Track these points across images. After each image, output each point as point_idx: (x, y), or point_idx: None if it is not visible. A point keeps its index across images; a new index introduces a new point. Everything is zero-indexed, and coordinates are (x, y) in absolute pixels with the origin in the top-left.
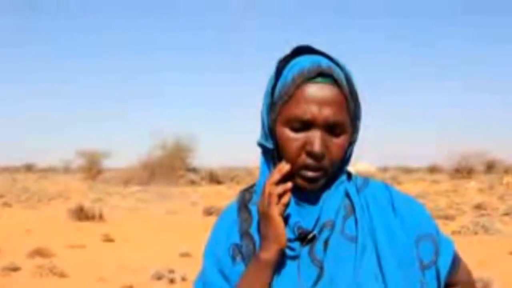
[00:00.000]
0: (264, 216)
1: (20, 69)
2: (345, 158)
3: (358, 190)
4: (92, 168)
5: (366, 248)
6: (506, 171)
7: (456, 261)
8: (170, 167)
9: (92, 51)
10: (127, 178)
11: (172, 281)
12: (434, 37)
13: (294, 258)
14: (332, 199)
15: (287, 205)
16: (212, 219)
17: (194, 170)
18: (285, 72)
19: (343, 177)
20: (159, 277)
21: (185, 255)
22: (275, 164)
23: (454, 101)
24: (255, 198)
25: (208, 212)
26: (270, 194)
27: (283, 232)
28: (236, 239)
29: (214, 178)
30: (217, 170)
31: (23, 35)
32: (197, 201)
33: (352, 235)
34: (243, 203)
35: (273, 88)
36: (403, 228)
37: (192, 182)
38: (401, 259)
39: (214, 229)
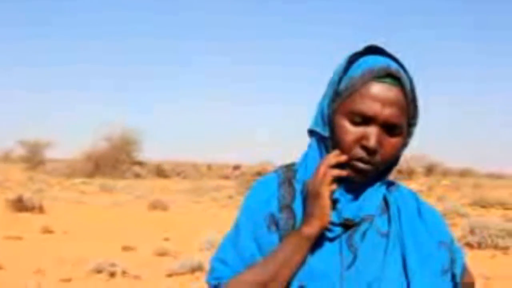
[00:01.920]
0: (314, 194)
1: None
2: (395, 160)
3: (389, 191)
4: (34, 158)
5: (395, 246)
6: (444, 173)
7: (465, 266)
8: (115, 159)
9: (40, 40)
10: (70, 170)
11: (112, 274)
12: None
13: (333, 240)
14: (374, 196)
15: (334, 191)
16: (157, 214)
17: (140, 163)
18: (354, 66)
19: (387, 177)
20: (99, 270)
21: (127, 248)
22: (327, 152)
23: None
24: (299, 175)
25: (153, 206)
26: (324, 174)
27: (329, 212)
28: (275, 209)
29: (160, 172)
30: (163, 164)
31: None
32: (142, 195)
33: (384, 231)
34: (287, 178)
35: (340, 80)
36: (427, 233)
37: (138, 176)
38: (425, 260)
39: (250, 196)
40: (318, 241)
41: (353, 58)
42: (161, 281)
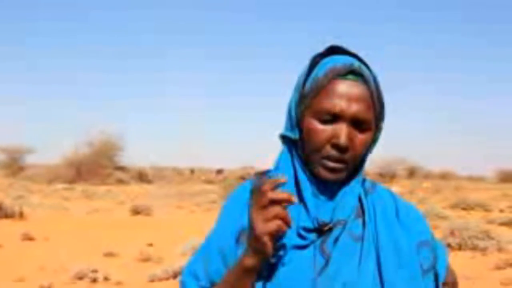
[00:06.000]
0: (251, 228)
1: None
2: (365, 157)
3: (366, 193)
4: (14, 164)
5: (370, 249)
6: (426, 176)
7: (448, 265)
8: (97, 165)
9: (18, 47)
10: (52, 176)
11: (94, 280)
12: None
13: (307, 247)
14: (347, 198)
15: (308, 194)
16: (140, 219)
17: (122, 168)
18: (317, 68)
19: (360, 177)
20: (80, 277)
21: (109, 254)
22: (298, 155)
23: None
24: None
25: (136, 211)
26: (263, 208)
27: (269, 249)
28: (245, 222)
29: (143, 178)
30: (146, 170)
31: None
32: (124, 200)
33: (359, 235)
34: None
35: (304, 82)
36: (405, 234)
37: (120, 181)
38: (403, 264)
39: (226, 207)
40: (291, 249)
41: (316, 60)
42: (144, 287)
